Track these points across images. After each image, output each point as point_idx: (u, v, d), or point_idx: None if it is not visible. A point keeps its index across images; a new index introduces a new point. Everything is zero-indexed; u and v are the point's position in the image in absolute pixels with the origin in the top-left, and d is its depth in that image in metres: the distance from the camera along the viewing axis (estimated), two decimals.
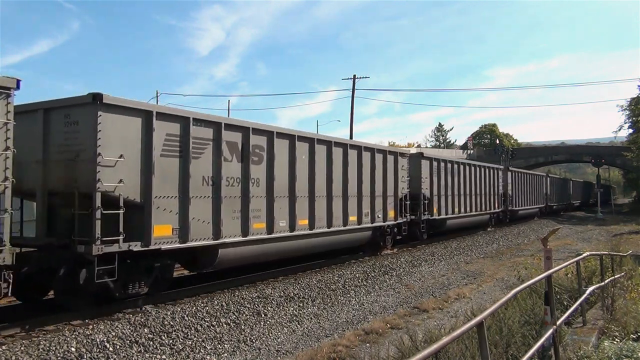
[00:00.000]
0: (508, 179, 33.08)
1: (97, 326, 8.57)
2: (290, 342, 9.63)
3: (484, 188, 28.89)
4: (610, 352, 6.51)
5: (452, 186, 24.24)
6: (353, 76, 42.01)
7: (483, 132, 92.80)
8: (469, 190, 26.30)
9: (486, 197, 29.41)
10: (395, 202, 18.61)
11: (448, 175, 23.68)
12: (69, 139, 9.13)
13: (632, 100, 53.93)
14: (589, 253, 10.33)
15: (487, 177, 29.62)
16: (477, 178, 27.67)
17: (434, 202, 21.91)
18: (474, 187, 27.15)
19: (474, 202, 27.43)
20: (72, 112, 9.13)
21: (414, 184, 20.24)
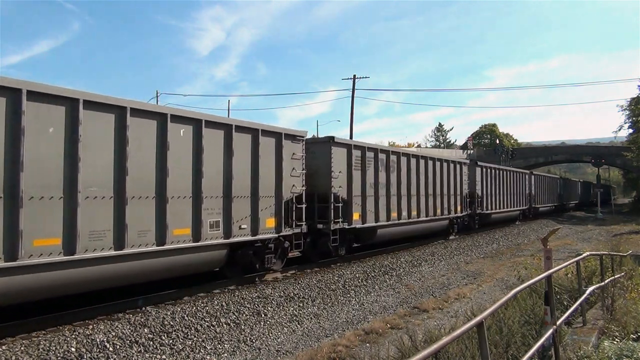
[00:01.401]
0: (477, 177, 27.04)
1: (97, 326, 8.58)
2: (290, 342, 9.63)
3: (441, 187, 22.52)
4: (610, 352, 6.51)
5: (388, 184, 17.99)
6: (353, 76, 42.06)
7: (483, 132, 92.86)
8: (417, 190, 20.02)
9: (445, 198, 22.92)
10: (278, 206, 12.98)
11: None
12: None
13: (632, 100, 53.91)
14: (589, 253, 10.32)
15: (447, 174, 23.24)
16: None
17: (351, 205, 15.90)
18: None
19: (424, 204, 20.69)
20: None
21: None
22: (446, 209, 22.99)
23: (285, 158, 13.05)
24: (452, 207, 23.68)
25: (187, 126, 10.47)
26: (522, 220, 38.10)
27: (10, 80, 7.63)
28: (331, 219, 14.93)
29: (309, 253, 15.21)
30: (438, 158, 22.81)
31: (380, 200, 17.50)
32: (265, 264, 12.85)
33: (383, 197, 17.69)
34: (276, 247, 13.15)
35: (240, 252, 12.04)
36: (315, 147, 15.08)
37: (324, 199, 14.98)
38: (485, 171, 28.86)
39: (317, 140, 16.06)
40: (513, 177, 34.62)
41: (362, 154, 16.58)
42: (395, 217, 18.46)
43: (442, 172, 22.56)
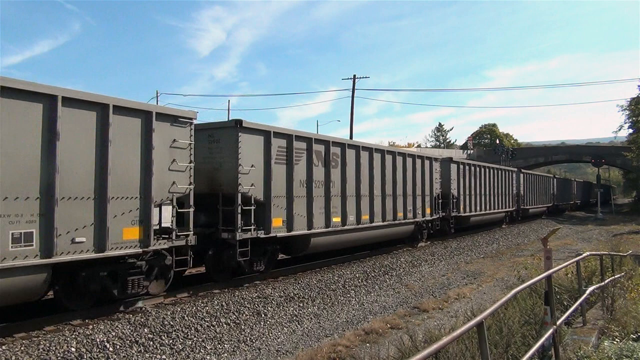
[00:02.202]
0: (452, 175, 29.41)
1: (97, 326, 8.58)
2: (290, 342, 9.63)
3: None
4: (610, 352, 6.51)
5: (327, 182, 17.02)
6: (353, 76, 42.05)
7: (483, 132, 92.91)
8: (369, 190, 19.03)
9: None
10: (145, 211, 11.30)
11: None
12: None
13: (632, 100, 53.90)
14: (589, 253, 10.32)
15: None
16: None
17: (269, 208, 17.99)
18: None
19: (380, 207, 23.12)
20: None
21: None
22: (410, 212, 19.65)
23: (159, 146, 9.74)
24: (418, 209, 20.31)
25: None
26: (510, 223, 35.13)
27: None
28: (238, 226, 11.63)
29: (213, 270, 12.24)
30: (399, 152, 19.61)
31: (316, 202, 14.26)
32: (129, 289, 9.50)
33: (320, 198, 14.46)
34: (151, 265, 10.01)
35: (84, 276, 8.94)
36: (219, 134, 12.13)
37: (231, 200, 11.83)
38: (462, 169, 25.60)
39: (221, 124, 12.56)
40: (497, 176, 31.45)
41: (289, 144, 13.32)
42: (338, 223, 15.25)
43: (405, 169, 19.33)
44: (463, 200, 25.46)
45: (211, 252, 12.02)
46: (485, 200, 29.06)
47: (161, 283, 10.48)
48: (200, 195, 11.36)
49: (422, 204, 20.76)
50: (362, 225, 16.56)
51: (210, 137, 12.14)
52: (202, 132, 12.11)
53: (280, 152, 13.10)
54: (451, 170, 24.16)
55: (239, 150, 11.76)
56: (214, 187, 12.00)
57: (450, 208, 23.87)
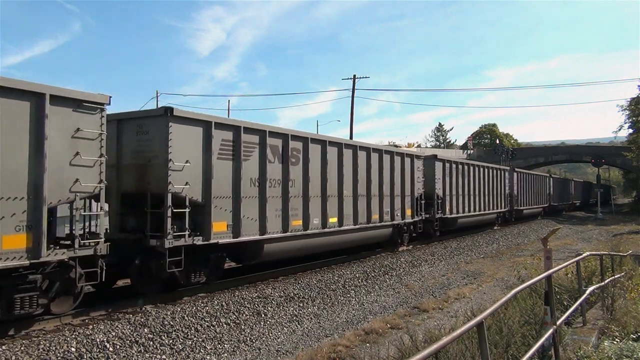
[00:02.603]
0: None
1: (97, 326, 8.58)
2: (290, 342, 9.63)
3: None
4: (611, 352, 6.51)
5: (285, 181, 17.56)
6: (353, 76, 42.02)
7: (483, 132, 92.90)
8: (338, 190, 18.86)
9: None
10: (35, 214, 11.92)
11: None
12: None
13: (632, 100, 53.90)
14: (589, 253, 10.32)
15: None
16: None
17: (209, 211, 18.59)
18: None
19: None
20: None
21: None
22: (388, 214, 18.03)
23: (56, 136, 8.23)
24: (397, 211, 18.64)
25: None
26: (503, 224, 33.09)
27: None
28: (167, 232, 9.94)
29: (140, 282, 10.70)
30: (375, 148, 17.76)
31: (271, 204, 12.58)
32: (18, 309, 7.92)
33: (276, 199, 12.83)
34: (51, 280, 8.44)
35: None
36: (148, 124, 10.59)
37: (161, 201, 10.25)
38: (448, 167, 23.69)
39: (149, 113, 11.34)
40: (488, 175, 29.48)
41: (236, 136, 11.66)
42: (299, 227, 13.66)
43: (381, 167, 17.69)
44: (449, 200, 23.72)
45: (138, 262, 10.29)
46: (474, 201, 27.19)
47: (67, 300, 8.84)
48: (129, 196, 10.37)
49: (402, 205, 19.10)
50: (329, 229, 14.78)
51: (139, 128, 10.61)
52: (131, 122, 10.81)
53: (225, 146, 11.43)
54: (436, 168, 22.31)
55: (170, 143, 10.13)
56: (143, 186, 10.37)
57: (435, 209, 22.01)
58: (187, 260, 10.49)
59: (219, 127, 11.32)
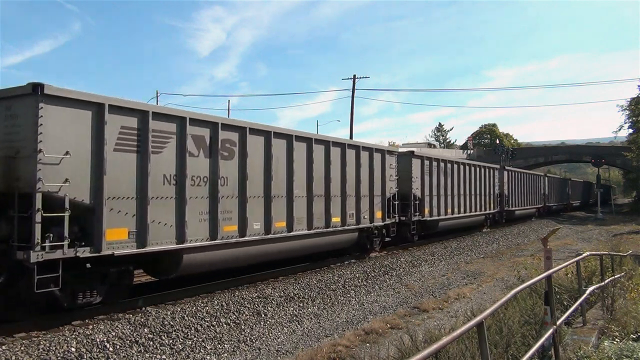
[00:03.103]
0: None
1: (97, 326, 8.58)
2: (290, 342, 9.63)
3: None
4: (611, 352, 6.51)
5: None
6: (353, 76, 42.05)
7: (483, 132, 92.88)
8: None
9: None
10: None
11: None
12: None
13: (632, 100, 53.90)
14: (589, 253, 10.33)
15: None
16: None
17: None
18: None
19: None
20: None
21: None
22: (353, 216, 15.92)
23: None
24: (364, 213, 16.49)
25: None
26: (493, 226, 31.14)
27: None
28: (36, 242, 7.86)
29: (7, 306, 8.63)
30: (336, 142, 15.36)
31: (193, 206, 10.44)
32: None
33: (201, 201, 10.66)
34: None
35: None
36: (17, 106, 8.48)
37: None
38: (427, 165, 21.29)
39: (17, 92, 8.47)
40: (475, 174, 27.18)
41: (142, 124, 9.57)
42: (234, 233, 11.49)
43: (344, 163, 15.47)
44: (429, 201, 21.32)
45: (2, 280, 8.16)
46: (459, 202, 24.67)
47: None
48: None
49: (370, 206, 16.83)
50: (276, 235, 12.64)
51: (7, 111, 8.50)
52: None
53: (127, 135, 9.28)
54: (413, 166, 20.02)
55: (40, 130, 8.04)
56: (10, 184, 8.32)
57: (412, 211, 19.69)
58: (72, 277, 8.59)
59: (117, 112, 9.07)
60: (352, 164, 15.98)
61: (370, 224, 17.07)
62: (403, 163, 19.59)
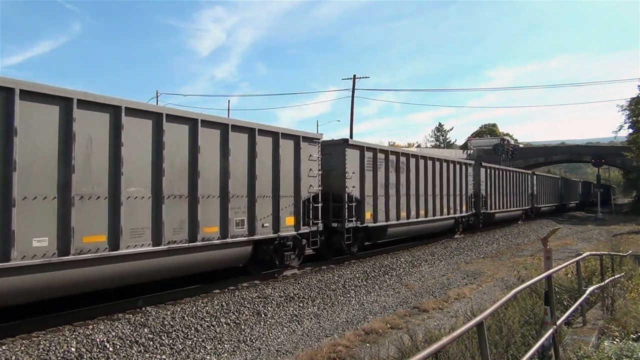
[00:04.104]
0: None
1: (97, 326, 8.58)
2: (290, 342, 9.63)
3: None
4: (611, 352, 6.51)
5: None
6: (353, 76, 42.06)
7: (483, 132, 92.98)
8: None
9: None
10: None
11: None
12: None
13: (632, 100, 53.91)
14: (589, 253, 10.32)
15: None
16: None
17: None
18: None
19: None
20: None
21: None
22: (243, 224, 11.83)
23: None
24: (263, 220, 12.26)
25: None
26: (468, 232, 27.02)
27: None
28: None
29: None
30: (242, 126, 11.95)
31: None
32: None
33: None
34: None
35: None
36: None
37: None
38: (370, 158, 16.96)
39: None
40: (442, 171, 22.31)
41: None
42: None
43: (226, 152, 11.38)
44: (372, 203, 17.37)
45: None
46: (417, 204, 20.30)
47: None
48: None
49: (275, 211, 12.83)
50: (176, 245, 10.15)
51: None
52: None
53: None
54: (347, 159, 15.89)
55: None
56: None
57: (345, 215, 15.50)
58: None
59: None
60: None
61: (275, 234, 12.62)
62: (336, 154, 15.54)
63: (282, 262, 13.49)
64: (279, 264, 13.40)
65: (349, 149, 15.94)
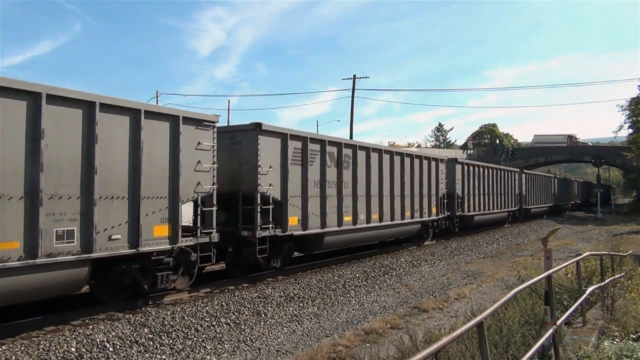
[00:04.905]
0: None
1: (97, 326, 8.58)
2: (290, 342, 9.63)
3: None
4: (610, 352, 6.51)
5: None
6: (353, 76, 42.04)
7: (483, 132, 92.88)
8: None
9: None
10: None
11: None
12: None
13: (632, 100, 53.94)
14: (589, 253, 10.32)
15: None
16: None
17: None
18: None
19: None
20: None
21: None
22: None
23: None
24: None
25: None
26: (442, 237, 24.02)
27: None
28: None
29: None
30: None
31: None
32: None
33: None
34: None
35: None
36: None
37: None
38: (299, 148, 13.82)
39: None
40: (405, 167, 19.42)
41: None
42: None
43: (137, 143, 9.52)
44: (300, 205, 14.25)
45: None
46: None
47: None
48: None
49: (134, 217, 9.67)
50: None
51: None
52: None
53: None
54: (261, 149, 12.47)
55: None
56: None
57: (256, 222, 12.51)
58: None
59: None
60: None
61: (132, 249, 9.46)
62: (246, 144, 13.06)
63: (153, 286, 10.13)
64: (148, 288, 10.01)
65: (264, 136, 12.66)
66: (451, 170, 24.55)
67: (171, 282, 10.52)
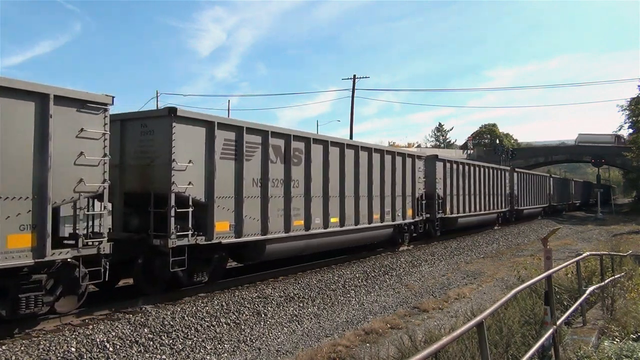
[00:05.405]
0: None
1: (97, 326, 8.58)
2: (290, 342, 9.64)
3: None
4: (610, 352, 6.51)
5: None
6: (353, 76, 42.04)
7: (483, 132, 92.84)
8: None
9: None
10: None
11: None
12: None
13: (632, 100, 53.98)
14: (589, 253, 10.33)
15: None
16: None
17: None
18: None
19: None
20: None
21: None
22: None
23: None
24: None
25: None
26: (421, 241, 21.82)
27: None
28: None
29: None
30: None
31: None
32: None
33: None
34: None
35: None
36: None
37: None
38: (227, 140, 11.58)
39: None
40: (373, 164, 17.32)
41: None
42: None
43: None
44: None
45: None
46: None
47: None
48: None
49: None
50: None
51: None
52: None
53: None
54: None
55: None
56: None
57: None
58: None
59: None
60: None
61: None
62: (159, 134, 10.92)
63: (14, 312, 7.98)
64: (7, 314, 7.95)
65: (181, 124, 10.47)
66: (431, 168, 22.38)
67: (44, 305, 8.31)
